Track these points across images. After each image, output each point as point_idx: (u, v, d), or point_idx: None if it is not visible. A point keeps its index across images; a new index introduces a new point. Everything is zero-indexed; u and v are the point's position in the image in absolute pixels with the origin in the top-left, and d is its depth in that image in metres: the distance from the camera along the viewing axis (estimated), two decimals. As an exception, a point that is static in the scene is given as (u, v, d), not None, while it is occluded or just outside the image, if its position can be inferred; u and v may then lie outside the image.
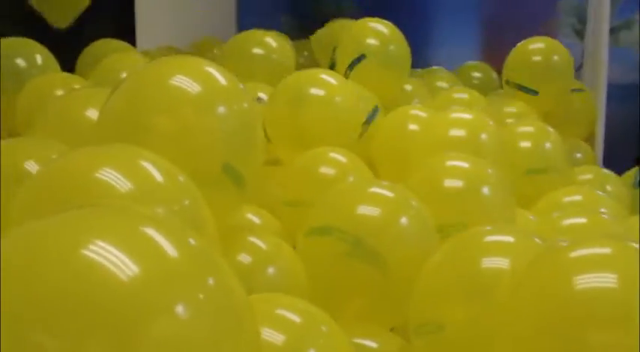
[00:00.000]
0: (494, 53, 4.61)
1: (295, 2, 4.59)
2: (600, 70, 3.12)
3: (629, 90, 2.73)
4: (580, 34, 3.91)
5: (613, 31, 4.36)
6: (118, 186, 1.04)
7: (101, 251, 0.63)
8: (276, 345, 0.92)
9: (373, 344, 1.31)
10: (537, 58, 2.76)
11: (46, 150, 1.47)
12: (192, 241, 0.70)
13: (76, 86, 2.25)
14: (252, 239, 1.43)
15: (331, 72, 2.21)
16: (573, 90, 2.89)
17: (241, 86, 1.35)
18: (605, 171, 2.24)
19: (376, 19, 2.56)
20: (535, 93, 2.63)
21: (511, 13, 4.61)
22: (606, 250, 0.98)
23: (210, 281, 0.67)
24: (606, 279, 0.92)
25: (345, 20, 3.62)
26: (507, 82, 2.75)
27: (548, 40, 2.87)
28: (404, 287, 1.29)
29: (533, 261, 1.03)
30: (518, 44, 2.84)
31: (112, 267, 0.62)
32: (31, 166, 1.46)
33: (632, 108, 3.68)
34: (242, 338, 0.68)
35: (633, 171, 2.48)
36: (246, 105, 1.33)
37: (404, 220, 1.39)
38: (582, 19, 3.38)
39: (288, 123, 1.99)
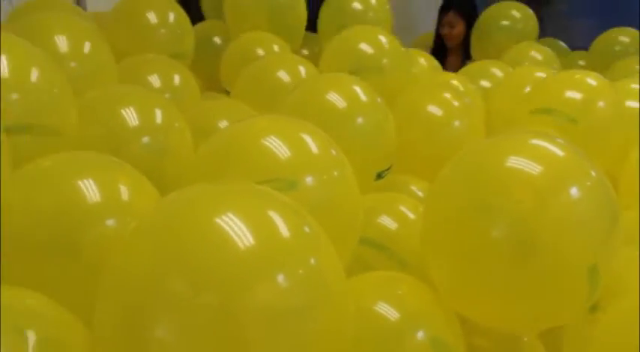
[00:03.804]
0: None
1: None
2: None
3: None
4: None
5: None
6: (279, 153, 1.21)
7: (230, 222, 0.80)
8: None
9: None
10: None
11: (236, 112, 1.70)
12: (306, 228, 0.85)
13: (275, 47, 2.46)
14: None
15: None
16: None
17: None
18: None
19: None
20: None
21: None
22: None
23: (312, 261, 0.82)
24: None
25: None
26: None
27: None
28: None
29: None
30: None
31: (234, 236, 0.79)
32: (224, 125, 1.72)
33: None
34: (332, 313, 0.82)
35: None
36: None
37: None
38: None
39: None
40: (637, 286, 1.13)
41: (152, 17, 2.22)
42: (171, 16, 2.26)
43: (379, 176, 1.71)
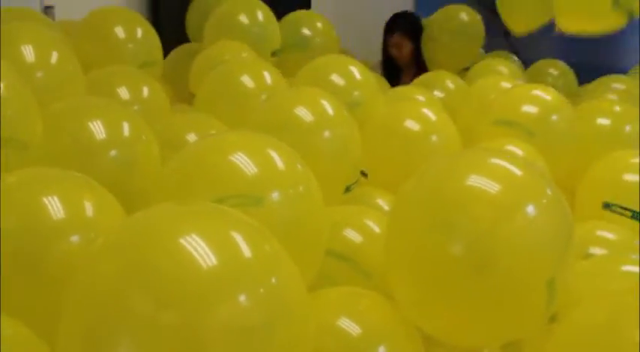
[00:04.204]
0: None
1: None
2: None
3: None
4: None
5: None
6: (245, 170, 1.23)
7: (192, 241, 0.82)
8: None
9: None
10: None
11: (204, 126, 1.72)
12: (267, 247, 0.87)
13: (244, 54, 2.48)
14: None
15: None
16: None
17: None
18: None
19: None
20: None
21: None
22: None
23: (273, 280, 0.84)
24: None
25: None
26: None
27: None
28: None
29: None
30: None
31: (196, 255, 0.81)
32: (192, 138, 1.74)
33: None
34: (292, 330, 0.84)
35: None
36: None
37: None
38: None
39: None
40: (590, 297, 1.17)
41: (120, 31, 2.23)
42: (139, 31, 2.28)
43: (347, 189, 1.73)
